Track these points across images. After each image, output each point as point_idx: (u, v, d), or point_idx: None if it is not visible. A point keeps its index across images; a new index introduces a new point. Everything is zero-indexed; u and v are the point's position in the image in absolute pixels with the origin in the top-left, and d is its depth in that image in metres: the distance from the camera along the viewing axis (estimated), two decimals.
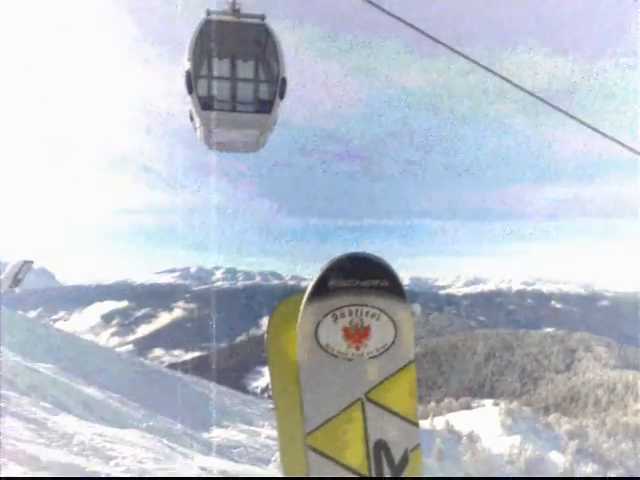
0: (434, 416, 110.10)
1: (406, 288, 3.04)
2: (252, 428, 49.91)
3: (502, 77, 7.19)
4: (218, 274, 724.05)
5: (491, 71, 7.17)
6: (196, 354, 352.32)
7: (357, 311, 2.96)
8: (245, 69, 9.06)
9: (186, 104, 8.75)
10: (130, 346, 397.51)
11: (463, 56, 7.10)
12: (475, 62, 7.13)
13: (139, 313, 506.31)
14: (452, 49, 7.02)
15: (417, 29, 6.92)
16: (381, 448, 3.08)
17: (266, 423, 53.61)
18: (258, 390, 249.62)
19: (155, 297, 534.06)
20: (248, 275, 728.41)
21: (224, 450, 38.31)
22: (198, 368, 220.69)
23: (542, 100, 7.34)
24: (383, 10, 6.73)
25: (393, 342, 3.05)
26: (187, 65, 8.15)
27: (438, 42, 6.99)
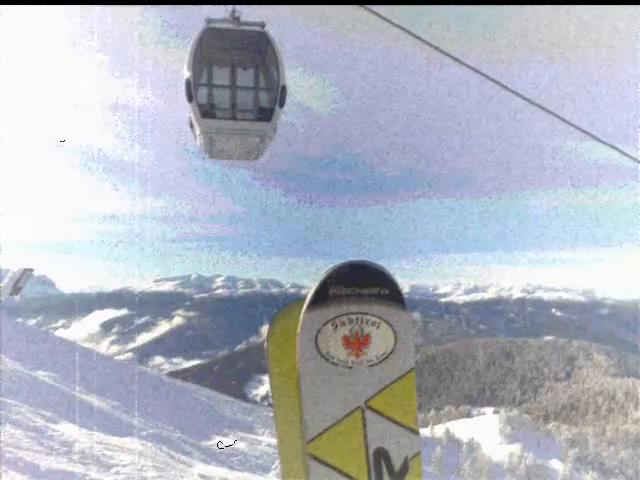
0: (434, 424, 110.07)
1: (406, 296, 3.05)
2: (252, 436, 49.82)
3: (500, 84, 7.20)
4: (218, 282, 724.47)
5: (489, 78, 7.17)
6: (196, 362, 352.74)
7: (357, 319, 2.96)
8: (245, 77, 9.04)
9: (187, 112, 8.76)
10: (130, 354, 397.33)
11: (462, 63, 7.11)
12: (473, 69, 7.13)
13: (139, 321, 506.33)
14: (451, 56, 7.03)
15: (420, 39, 6.93)
16: (381, 456, 3.08)
17: (266, 431, 53.50)
18: (258, 398, 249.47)
19: (155, 305, 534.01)
20: (248, 283, 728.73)
21: (224, 458, 38.25)
22: (198, 376, 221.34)
23: (541, 107, 7.35)
24: (384, 18, 6.74)
25: (393, 350, 3.05)
26: (187, 73, 8.14)
27: (441, 52, 7.00)
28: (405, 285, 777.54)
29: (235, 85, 8.93)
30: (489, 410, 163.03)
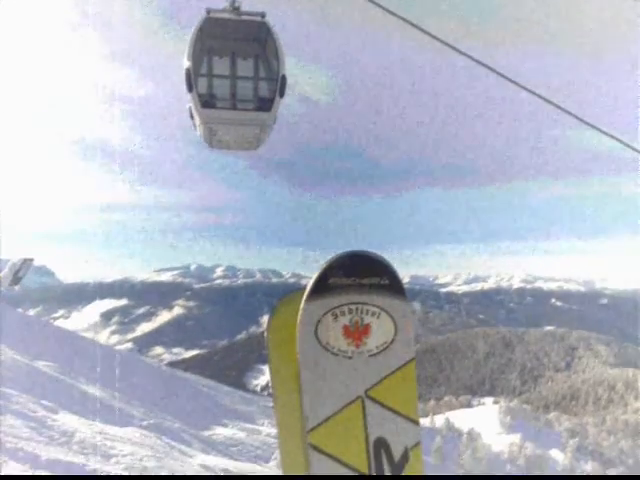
0: (434, 414, 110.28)
1: (406, 286, 3.04)
2: (252, 426, 49.92)
3: (504, 76, 7.17)
4: (218, 272, 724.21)
5: (493, 70, 7.15)
6: (196, 352, 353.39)
7: (357, 309, 2.95)
8: (245, 67, 9.01)
9: (186, 102, 8.74)
10: (130, 344, 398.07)
11: (465, 55, 7.08)
12: (477, 61, 7.11)
13: (139, 311, 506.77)
14: (454, 48, 7.00)
15: (420, 28, 6.90)
16: (381, 446, 3.08)
17: (266, 421, 53.61)
18: (258, 388, 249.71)
19: (155, 295, 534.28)
20: (248, 273, 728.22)
21: (224, 448, 38.33)
22: (198, 366, 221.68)
23: (543, 98, 7.34)
24: (387, 10, 6.71)
25: (393, 340, 3.04)
26: (187, 63, 8.11)
27: (440, 41, 6.97)
28: (405, 275, 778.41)
29: (235, 75, 8.90)
30: (489, 400, 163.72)
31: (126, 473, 18.39)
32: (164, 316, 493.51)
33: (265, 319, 3.52)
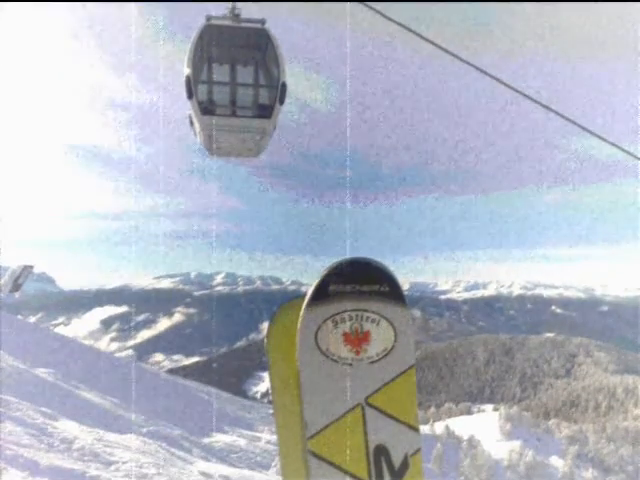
0: (434, 421, 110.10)
1: (406, 293, 3.04)
2: (252, 433, 49.84)
3: (504, 83, 7.18)
4: (218, 279, 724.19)
5: (492, 77, 7.15)
6: (196, 359, 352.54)
7: (357, 316, 2.96)
8: (245, 74, 9.03)
9: (186, 109, 8.75)
10: (130, 351, 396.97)
11: (464, 61, 7.09)
12: (476, 67, 7.12)
13: (139, 318, 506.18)
14: (453, 54, 7.01)
15: (418, 34, 6.91)
16: (381, 453, 3.08)
17: (266, 428, 53.51)
18: (258, 395, 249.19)
19: (155, 302, 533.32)
20: (248, 280, 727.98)
21: (224, 455, 38.25)
22: (198, 373, 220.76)
23: (543, 106, 7.34)
24: (384, 16, 6.72)
25: (393, 347, 3.05)
26: (187, 70, 8.13)
27: (439, 47, 6.98)
28: (405, 282, 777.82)
29: (235, 82, 8.92)
30: (489, 407, 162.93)
31: None
32: (164, 323, 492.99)
33: (265, 326, 3.53)
